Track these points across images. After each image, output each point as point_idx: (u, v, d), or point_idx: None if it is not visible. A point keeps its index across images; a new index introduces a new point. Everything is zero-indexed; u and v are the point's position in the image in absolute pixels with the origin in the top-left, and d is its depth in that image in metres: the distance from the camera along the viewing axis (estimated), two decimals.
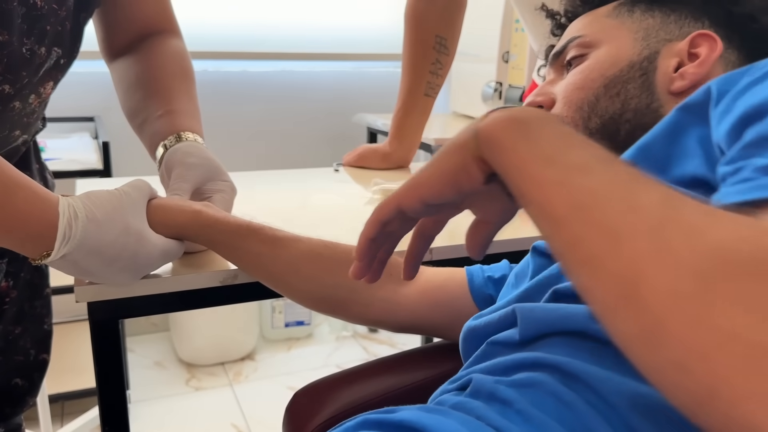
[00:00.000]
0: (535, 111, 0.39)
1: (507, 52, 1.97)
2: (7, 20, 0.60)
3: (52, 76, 0.70)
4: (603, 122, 0.59)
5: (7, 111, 0.66)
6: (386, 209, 0.43)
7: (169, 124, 0.74)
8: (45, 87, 0.70)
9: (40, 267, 0.86)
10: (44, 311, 0.87)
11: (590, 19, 0.65)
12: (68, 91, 2.07)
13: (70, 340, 1.89)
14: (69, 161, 1.59)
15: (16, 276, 0.82)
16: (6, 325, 0.82)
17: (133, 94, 0.79)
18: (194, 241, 0.65)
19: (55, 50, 0.68)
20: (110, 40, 0.83)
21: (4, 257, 0.79)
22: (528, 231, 0.85)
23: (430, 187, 0.41)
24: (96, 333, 0.65)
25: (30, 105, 0.69)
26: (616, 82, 0.59)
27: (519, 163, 0.35)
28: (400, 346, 2.21)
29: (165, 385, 1.92)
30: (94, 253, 0.55)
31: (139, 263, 0.59)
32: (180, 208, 0.64)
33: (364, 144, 1.27)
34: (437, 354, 0.75)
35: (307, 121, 2.26)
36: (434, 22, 1.15)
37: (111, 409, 0.68)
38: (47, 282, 0.88)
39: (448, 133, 1.96)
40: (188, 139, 0.73)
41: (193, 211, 0.64)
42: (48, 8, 0.64)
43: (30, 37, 0.64)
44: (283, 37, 2.19)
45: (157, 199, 0.64)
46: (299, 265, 0.66)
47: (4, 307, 0.81)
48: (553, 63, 0.67)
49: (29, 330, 0.85)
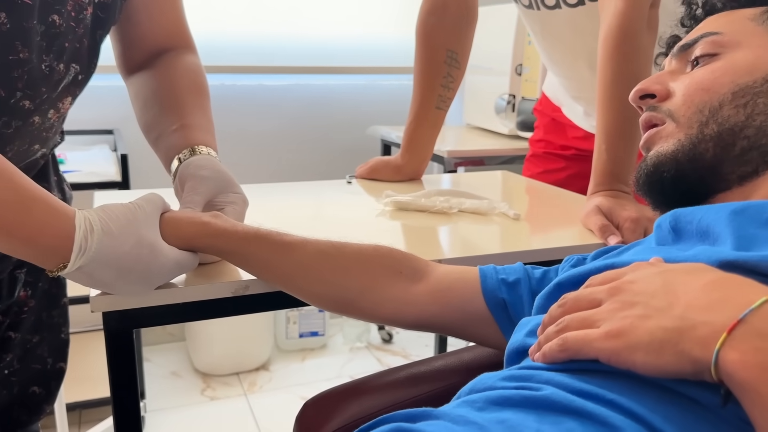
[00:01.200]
0: None
1: (520, 65, 1.98)
2: (27, 38, 0.62)
3: (71, 91, 0.72)
4: (720, 131, 0.55)
5: (27, 126, 0.68)
6: (585, 351, 0.41)
7: (183, 138, 0.75)
8: (63, 102, 0.72)
9: (58, 277, 0.88)
10: (61, 320, 0.89)
11: (731, 18, 0.60)
12: (88, 104, 2.11)
13: (89, 350, 1.92)
14: (88, 173, 1.62)
15: (35, 286, 0.84)
16: (24, 334, 0.84)
17: (149, 109, 0.81)
18: (205, 251, 0.67)
19: (74, 66, 0.70)
20: (127, 57, 0.85)
21: (23, 267, 0.81)
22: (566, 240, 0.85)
23: (644, 365, 0.38)
24: (111, 342, 0.67)
25: (49, 120, 0.71)
26: (746, 92, 0.55)
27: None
28: (414, 357, 2.21)
29: (181, 395, 1.94)
30: (109, 265, 0.56)
31: (152, 274, 0.60)
32: (189, 219, 0.65)
33: (377, 156, 1.29)
34: (447, 365, 0.75)
35: (321, 133, 2.28)
36: (445, 37, 1.16)
37: (125, 417, 0.69)
38: (64, 292, 0.90)
39: (461, 145, 1.97)
40: (202, 153, 0.74)
41: (202, 222, 0.65)
42: (66, 26, 0.66)
43: (49, 54, 0.66)
44: (298, 51, 2.22)
45: (169, 212, 0.65)
46: (308, 267, 0.66)
47: (22, 317, 0.83)
48: (678, 54, 0.63)
49: (47, 339, 0.87)
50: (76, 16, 0.68)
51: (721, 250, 0.45)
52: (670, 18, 0.73)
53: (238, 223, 0.68)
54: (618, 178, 0.90)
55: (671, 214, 0.55)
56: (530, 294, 0.64)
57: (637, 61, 0.88)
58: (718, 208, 0.51)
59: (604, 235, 0.83)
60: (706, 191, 0.58)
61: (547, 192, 1.19)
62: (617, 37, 0.88)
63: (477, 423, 0.41)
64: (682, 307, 0.38)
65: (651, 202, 0.63)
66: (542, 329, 0.47)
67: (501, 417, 0.41)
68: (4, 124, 0.65)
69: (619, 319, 0.41)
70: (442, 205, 0.97)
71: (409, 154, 1.21)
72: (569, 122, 1.33)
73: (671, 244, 0.54)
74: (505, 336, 0.64)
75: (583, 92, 1.22)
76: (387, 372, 0.75)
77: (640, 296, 0.41)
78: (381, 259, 0.68)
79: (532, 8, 1.16)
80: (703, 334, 0.36)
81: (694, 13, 0.68)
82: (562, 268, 0.65)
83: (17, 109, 0.65)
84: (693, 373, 0.37)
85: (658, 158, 0.59)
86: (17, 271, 0.81)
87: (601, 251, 0.64)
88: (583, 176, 1.25)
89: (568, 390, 0.41)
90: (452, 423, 0.42)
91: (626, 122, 0.88)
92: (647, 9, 0.90)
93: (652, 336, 0.38)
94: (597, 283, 0.46)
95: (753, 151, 0.54)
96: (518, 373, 0.46)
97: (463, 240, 0.89)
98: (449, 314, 0.66)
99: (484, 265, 0.69)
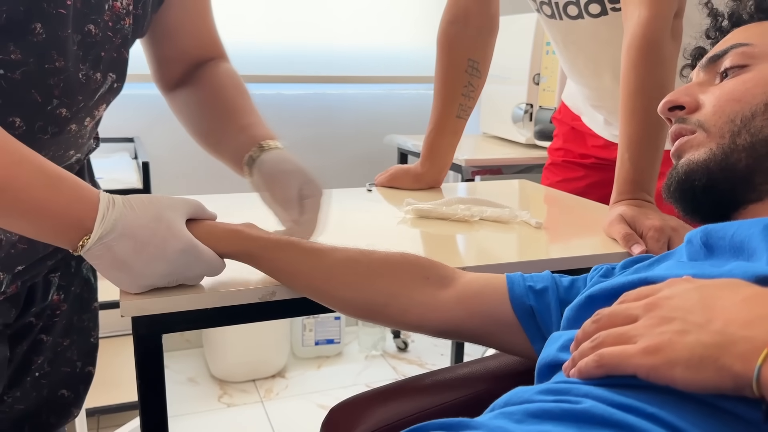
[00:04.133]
0: None
1: (537, 74, 1.99)
2: (63, 47, 0.64)
3: (106, 99, 0.74)
4: (753, 141, 0.56)
5: (64, 133, 0.69)
6: (623, 367, 0.41)
7: (248, 137, 0.79)
8: (99, 109, 0.74)
9: (90, 282, 0.89)
10: (91, 324, 0.91)
11: (761, 30, 0.61)
12: (109, 112, 2.13)
13: (107, 355, 1.93)
14: (109, 180, 1.63)
15: (68, 290, 0.85)
16: (56, 337, 0.85)
17: (201, 118, 0.85)
18: (235, 257, 0.68)
19: (110, 75, 0.72)
20: (164, 73, 0.88)
21: (57, 271, 0.83)
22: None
23: (683, 380, 0.38)
24: (139, 347, 0.68)
25: (85, 127, 0.73)
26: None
27: None
28: (429, 366, 2.20)
29: (198, 401, 1.95)
30: (127, 236, 0.59)
31: (168, 252, 0.61)
32: (223, 226, 0.67)
33: (395, 165, 1.29)
34: (473, 372, 0.75)
35: (339, 142, 2.30)
36: (467, 46, 1.17)
37: (152, 422, 0.70)
38: (96, 296, 0.92)
39: (479, 154, 1.98)
40: (271, 147, 0.78)
41: (235, 229, 0.67)
42: (102, 35, 0.68)
43: (85, 63, 0.67)
44: (317, 60, 2.24)
45: (204, 222, 0.67)
46: (337, 273, 0.67)
47: (54, 320, 0.85)
48: (707, 66, 0.63)
49: (77, 342, 0.88)
50: (113, 26, 0.69)
51: (758, 266, 0.45)
52: (695, 29, 0.73)
53: (268, 231, 0.69)
54: (641, 186, 0.90)
55: (702, 230, 0.55)
56: (558, 302, 0.64)
57: (662, 71, 0.89)
58: (751, 224, 0.51)
59: (627, 244, 0.83)
60: (737, 201, 0.58)
61: (566, 201, 1.19)
62: (641, 46, 0.88)
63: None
64: (722, 323, 0.38)
65: (681, 209, 0.62)
66: (576, 345, 0.47)
67: (540, 430, 0.41)
68: (40, 129, 0.66)
69: (656, 335, 0.40)
70: (464, 213, 0.98)
71: (429, 162, 1.22)
72: (589, 131, 1.33)
73: (703, 260, 0.54)
74: (532, 343, 0.64)
75: (604, 101, 1.22)
76: (412, 379, 0.76)
77: (678, 312, 0.41)
78: (408, 266, 0.68)
79: (555, 18, 1.17)
80: (744, 350, 0.36)
81: (720, 24, 0.67)
82: (590, 278, 0.65)
83: (53, 116, 0.66)
84: (733, 388, 0.37)
85: (689, 166, 0.59)
86: (51, 275, 0.82)
87: (630, 261, 0.64)
88: (602, 185, 1.25)
89: (607, 403, 0.41)
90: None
91: (650, 131, 0.88)
92: (671, 18, 0.90)
93: (692, 352, 0.38)
94: (632, 299, 0.46)
95: None
96: (556, 387, 0.46)
97: (486, 248, 0.89)
98: (476, 321, 0.66)
99: (508, 273, 0.69)
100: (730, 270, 0.46)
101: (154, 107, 1.99)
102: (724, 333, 0.38)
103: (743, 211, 0.58)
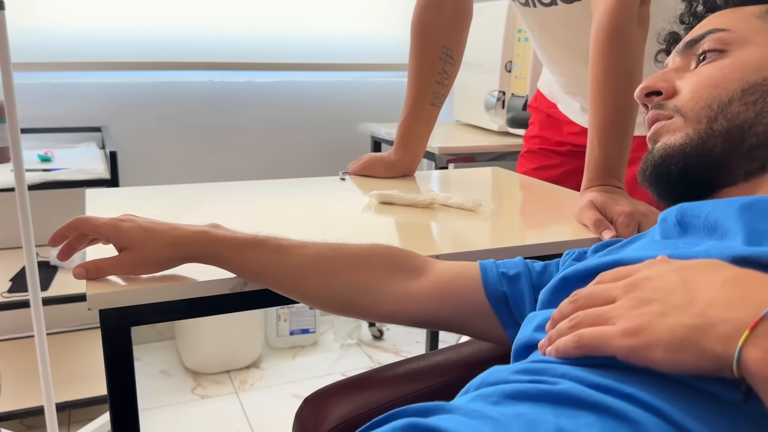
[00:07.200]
0: None
1: (510, 62, 1.99)
2: None
3: None
4: (730, 127, 0.56)
5: None
6: (602, 348, 0.41)
7: None
8: None
9: None
10: None
11: (737, 15, 0.61)
12: (75, 101, 2.10)
13: (77, 349, 1.90)
14: (77, 171, 1.60)
15: None
16: None
17: None
18: (202, 259, 0.67)
19: None
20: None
21: None
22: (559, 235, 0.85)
23: (663, 362, 0.38)
24: (108, 340, 0.66)
25: None
26: (756, 90, 0.55)
27: None
28: (405, 353, 2.21)
29: (171, 394, 1.93)
30: None
31: None
32: (189, 227, 0.67)
33: (368, 153, 1.28)
34: (447, 360, 0.75)
35: (312, 130, 2.28)
36: (441, 33, 1.16)
37: (122, 417, 0.68)
38: None
39: (452, 142, 1.98)
40: None
41: (201, 230, 0.67)
42: None
43: None
44: (289, 47, 2.21)
45: (169, 226, 0.67)
46: (306, 270, 0.67)
47: None
48: (683, 51, 0.63)
49: None
50: None
51: (733, 246, 0.45)
52: (668, 14, 0.73)
53: (235, 230, 0.68)
54: (611, 173, 0.91)
55: (677, 208, 0.55)
56: (531, 288, 0.64)
57: (629, 57, 0.89)
58: (726, 203, 0.51)
59: (598, 229, 0.84)
60: (712, 185, 0.58)
61: (539, 188, 1.20)
62: (607, 33, 0.89)
63: (493, 417, 0.40)
64: (702, 305, 0.38)
65: (656, 193, 0.63)
66: (552, 324, 0.47)
67: (517, 411, 0.41)
68: None
69: (636, 317, 0.40)
70: (425, 198, 0.98)
71: (402, 150, 1.21)
72: (565, 118, 1.34)
73: (676, 238, 0.54)
74: (506, 330, 0.65)
75: (579, 88, 1.23)
76: (385, 368, 0.75)
77: (657, 293, 0.41)
78: (378, 258, 0.68)
79: (528, 6, 1.16)
80: (725, 332, 0.36)
81: (694, 10, 0.67)
82: (563, 262, 0.65)
83: None
84: (713, 370, 0.37)
85: (665, 150, 0.59)
86: None
87: (602, 244, 0.64)
88: (578, 172, 1.25)
89: (585, 384, 0.41)
90: (467, 417, 0.41)
91: (618, 118, 0.89)
92: (637, 6, 0.90)
93: (672, 334, 0.38)
94: (609, 280, 0.46)
95: (761, 148, 0.55)
96: (532, 367, 0.46)
97: (459, 236, 0.89)
98: (450, 309, 0.66)
99: (481, 260, 0.69)
100: (705, 250, 0.46)
101: (121, 96, 1.95)
102: (704, 315, 0.38)
103: (717, 195, 0.58)
